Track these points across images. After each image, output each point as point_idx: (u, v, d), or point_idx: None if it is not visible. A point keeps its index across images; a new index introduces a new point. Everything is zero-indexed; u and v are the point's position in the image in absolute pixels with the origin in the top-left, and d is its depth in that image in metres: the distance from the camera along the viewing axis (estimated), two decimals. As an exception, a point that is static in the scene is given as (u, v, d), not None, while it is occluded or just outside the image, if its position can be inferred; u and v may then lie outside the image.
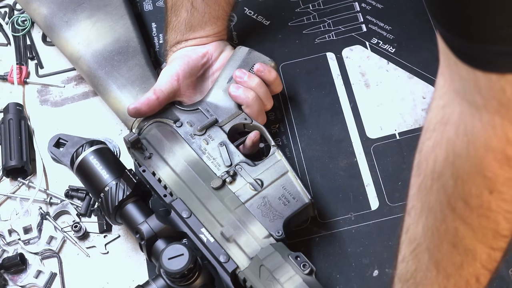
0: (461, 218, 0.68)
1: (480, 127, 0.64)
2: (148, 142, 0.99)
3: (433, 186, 0.70)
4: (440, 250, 0.72)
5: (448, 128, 0.67)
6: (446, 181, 0.68)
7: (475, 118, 0.64)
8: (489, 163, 0.64)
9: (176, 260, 0.86)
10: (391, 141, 1.05)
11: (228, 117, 1.01)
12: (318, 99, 1.09)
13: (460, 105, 0.65)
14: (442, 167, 0.68)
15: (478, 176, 0.65)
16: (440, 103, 0.68)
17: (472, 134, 0.64)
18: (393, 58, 1.11)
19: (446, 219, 0.70)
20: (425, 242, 0.73)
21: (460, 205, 0.68)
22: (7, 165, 1.07)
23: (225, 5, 1.06)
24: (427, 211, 0.72)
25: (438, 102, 0.68)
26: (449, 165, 0.67)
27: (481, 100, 0.62)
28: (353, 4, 1.16)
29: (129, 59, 1.09)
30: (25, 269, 1.02)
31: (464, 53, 0.61)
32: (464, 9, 0.58)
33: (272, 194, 0.94)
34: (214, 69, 1.06)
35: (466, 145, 0.65)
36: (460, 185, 0.67)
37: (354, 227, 0.99)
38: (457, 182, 0.67)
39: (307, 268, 0.87)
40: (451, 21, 0.60)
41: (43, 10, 1.15)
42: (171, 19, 1.05)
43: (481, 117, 0.63)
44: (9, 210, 1.06)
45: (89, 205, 1.05)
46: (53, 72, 1.17)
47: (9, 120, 1.10)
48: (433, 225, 0.72)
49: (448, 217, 0.70)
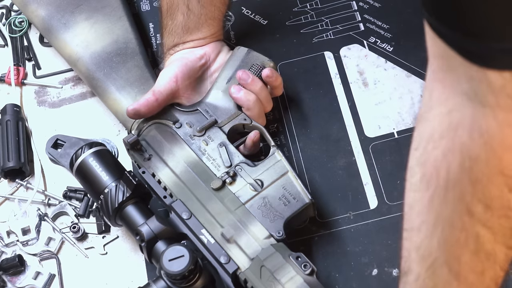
0: (481, 223, 0.67)
1: (495, 126, 0.63)
2: (148, 143, 0.99)
3: (448, 195, 0.69)
4: (461, 260, 0.70)
5: (460, 133, 0.66)
6: (463, 187, 0.67)
7: (489, 118, 0.63)
8: (508, 161, 0.64)
9: (176, 262, 0.86)
10: (389, 140, 1.05)
11: (228, 117, 1.01)
12: (316, 98, 1.09)
13: (471, 108, 0.64)
14: (457, 173, 0.67)
15: (498, 177, 0.64)
16: (444, 110, 0.67)
17: (488, 135, 0.63)
18: (391, 57, 1.11)
19: (465, 226, 0.68)
20: (443, 255, 0.71)
21: (480, 209, 0.67)
22: (5, 166, 1.07)
23: (220, 5, 1.06)
24: (443, 222, 0.70)
25: (440, 109, 0.67)
26: (465, 171, 0.66)
27: (494, 99, 0.62)
28: (350, 3, 1.16)
29: (128, 60, 1.09)
30: (24, 271, 1.02)
31: (472, 53, 0.60)
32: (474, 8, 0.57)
33: (272, 195, 0.93)
34: (212, 70, 1.06)
35: (483, 147, 0.64)
36: (479, 189, 0.66)
37: (353, 226, 0.99)
38: (476, 186, 0.66)
39: (308, 268, 0.87)
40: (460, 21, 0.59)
41: (41, 12, 1.15)
42: (167, 23, 1.05)
43: (495, 117, 0.63)
44: (7, 212, 1.06)
45: (87, 206, 1.05)
46: (50, 73, 1.17)
47: (6, 121, 1.10)
48: (451, 235, 0.70)
49: (467, 224, 0.68)
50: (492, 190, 0.65)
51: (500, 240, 0.68)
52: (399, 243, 0.96)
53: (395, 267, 0.95)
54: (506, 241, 0.69)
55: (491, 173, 0.65)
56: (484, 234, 0.68)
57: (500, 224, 0.67)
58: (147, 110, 1.00)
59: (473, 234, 0.68)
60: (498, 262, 0.70)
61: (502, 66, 0.59)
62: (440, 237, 0.71)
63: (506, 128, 0.63)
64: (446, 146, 0.67)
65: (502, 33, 0.57)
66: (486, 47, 0.59)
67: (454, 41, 0.61)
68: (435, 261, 0.72)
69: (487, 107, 0.63)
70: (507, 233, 0.68)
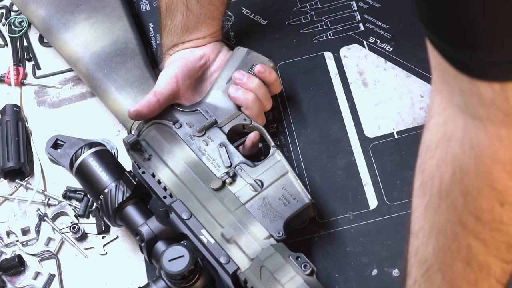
0: (474, 234, 0.67)
1: (486, 140, 0.63)
2: (148, 143, 0.99)
3: (441, 205, 0.69)
4: (454, 269, 0.71)
5: (452, 144, 0.66)
6: (455, 198, 0.67)
7: (480, 131, 0.63)
8: (498, 175, 0.63)
9: (176, 262, 0.86)
10: (389, 140, 1.05)
11: (228, 118, 1.01)
12: (316, 98, 1.09)
13: (463, 120, 0.64)
14: (449, 184, 0.67)
15: (488, 190, 0.64)
16: (440, 120, 0.67)
17: (479, 148, 0.63)
18: (391, 57, 1.11)
19: (457, 237, 0.69)
20: (437, 262, 0.72)
21: (472, 221, 0.67)
22: (4, 166, 1.07)
23: (219, 5, 1.06)
24: (437, 231, 0.71)
25: (437, 119, 0.67)
26: (457, 182, 0.66)
27: (485, 112, 0.61)
28: (350, 3, 1.16)
29: (128, 60, 1.09)
30: (24, 271, 1.02)
31: (464, 64, 0.60)
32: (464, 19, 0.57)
33: (272, 195, 0.93)
34: (212, 70, 1.06)
35: (473, 160, 0.64)
36: (470, 201, 0.66)
37: (352, 226, 0.99)
38: (466, 198, 0.66)
39: (308, 268, 0.87)
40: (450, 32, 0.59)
41: (41, 12, 1.15)
42: (166, 23, 1.05)
43: (486, 130, 0.62)
44: (7, 212, 1.06)
45: (87, 206, 1.05)
46: (50, 73, 1.17)
47: (6, 122, 1.10)
48: (444, 244, 0.70)
49: (459, 235, 0.68)
50: (482, 203, 0.65)
51: (494, 253, 0.68)
52: (399, 243, 0.97)
53: (395, 267, 0.95)
54: (501, 255, 0.68)
55: (481, 186, 0.65)
56: (476, 246, 0.68)
57: (492, 237, 0.67)
58: (149, 111, 1.00)
59: (465, 245, 0.69)
60: (492, 275, 0.70)
61: (492, 78, 0.59)
62: (435, 245, 0.71)
63: (497, 141, 0.62)
64: (439, 156, 0.68)
65: (491, 45, 0.57)
66: (476, 58, 0.58)
67: (446, 52, 0.61)
68: (430, 268, 0.73)
69: (478, 120, 0.62)
70: (501, 247, 0.68)
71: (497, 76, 0.59)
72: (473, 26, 0.57)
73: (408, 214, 0.76)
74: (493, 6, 0.54)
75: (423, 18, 0.61)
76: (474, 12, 0.56)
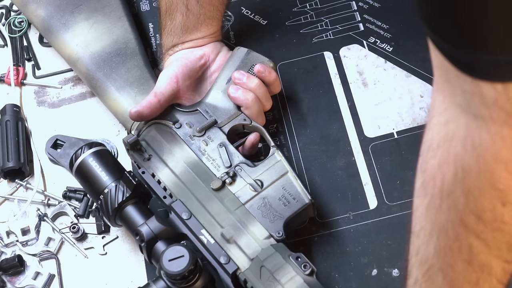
0: (475, 234, 0.67)
1: (488, 139, 0.63)
2: (147, 143, 0.99)
3: (443, 204, 0.69)
4: (455, 269, 0.71)
5: (454, 144, 0.66)
6: (456, 198, 0.67)
7: (482, 131, 0.63)
8: (500, 175, 0.63)
9: (176, 262, 0.86)
10: (389, 140, 1.05)
11: (227, 118, 1.01)
12: (316, 98, 1.09)
13: (465, 119, 0.64)
14: (451, 184, 0.67)
15: (490, 190, 0.64)
16: (442, 119, 0.67)
17: (481, 148, 0.63)
18: (391, 57, 1.11)
19: (459, 237, 0.69)
20: (438, 262, 0.72)
21: (473, 220, 0.67)
22: (4, 166, 1.07)
23: (219, 5, 1.06)
24: (438, 231, 0.71)
25: (439, 119, 0.67)
26: (458, 182, 0.66)
27: (487, 112, 0.61)
28: (350, 3, 1.16)
29: (128, 60, 1.09)
30: (23, 271, 1.02)
31: (466, 64, 0.60)
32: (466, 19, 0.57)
33: (272, 195, 0.93)
34: (212, 70, 1.06)
35: (475, 160, 0.64)
36: (472, 201, 0.66)
37: (352, 226, 0.99)
38: (468, 198, 0.66)
39: (308, 268, 0.87)
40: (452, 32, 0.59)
41: (41, 12, 1.15)
42: (166, 23, 1.05)
43: (488, 130, 0.62)
44: (7, 212, 1.06)
45: (87, 206, 1.05)
46: (50, 73, 1.17)
47: (6, 122, 1.10)
48: (445, 244, 0.70)
49: (461, 235, 0.68)
50: (484, 203, 0.65)
51: (495, 253, 0.68)
52: (399, 243, 0.97)
53: (395, 267, 0.95)
54: (503, 255, 0.68)
55: (483, 185, 0.65)
56: (477, 246, 0.68)
57: (494, 237, 0.67)
58: (150, 112, 1.00)
59: (466, 245, 0.69)
60: (494, 275, 0.70)
61: (494, 78, 0.59)
62: (436, 245, 0.71)
63: (499, 141, 0.62)
64: (441, 156, 0.68)
65: (494, 45, 0.57)
66: (478, 58, 0.59)
67: (448, 52, 0.61)
68: (431, 267, 0.73)
69: (480, 120, 0.63)
70: (503, 247, 0.68)
71: (500, 76, 0.59)
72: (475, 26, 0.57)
73: (408, 214, 0.76)
74: (496, 6, 0.54)
75: (425, 18, 0.61)
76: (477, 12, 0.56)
